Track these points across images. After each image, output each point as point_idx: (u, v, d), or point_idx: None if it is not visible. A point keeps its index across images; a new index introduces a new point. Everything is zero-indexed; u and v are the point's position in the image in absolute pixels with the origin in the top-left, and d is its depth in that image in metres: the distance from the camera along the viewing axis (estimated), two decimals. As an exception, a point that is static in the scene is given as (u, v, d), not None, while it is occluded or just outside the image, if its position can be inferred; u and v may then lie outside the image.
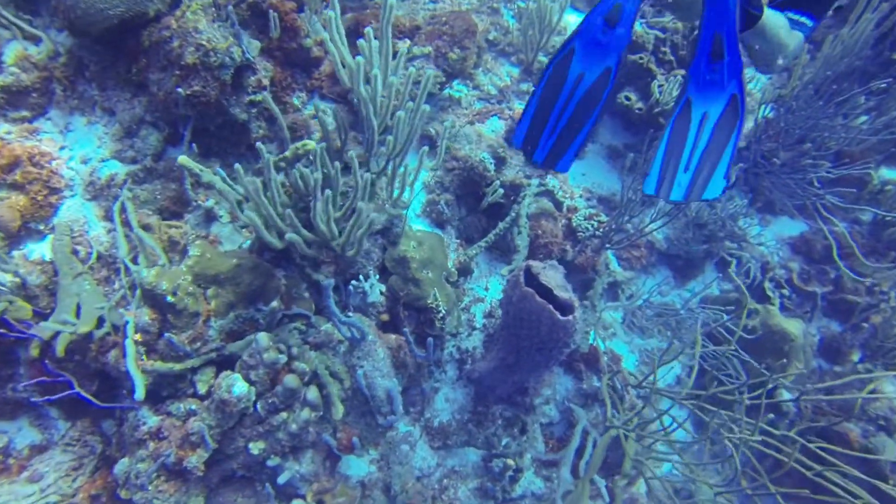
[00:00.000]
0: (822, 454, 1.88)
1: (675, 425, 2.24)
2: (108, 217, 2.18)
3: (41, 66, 2.23)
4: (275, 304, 2.19)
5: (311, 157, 2.10)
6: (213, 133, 2.42)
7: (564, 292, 2.08)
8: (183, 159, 2.00)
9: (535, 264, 2.13)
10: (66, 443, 1.97)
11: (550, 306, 2.03)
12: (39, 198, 2.10)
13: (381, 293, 2.50)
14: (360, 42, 1.95)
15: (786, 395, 3.04)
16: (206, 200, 2.32)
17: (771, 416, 3.00)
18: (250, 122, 2.46)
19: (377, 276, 2.46)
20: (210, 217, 2.36)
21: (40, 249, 2.08)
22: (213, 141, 2.46)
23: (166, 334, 1.82)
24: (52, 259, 2.03)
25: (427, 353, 2.41)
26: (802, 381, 3.16)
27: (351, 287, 2.36)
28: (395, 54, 2.15)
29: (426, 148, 2.20)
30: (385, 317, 2.51)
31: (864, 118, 3.14)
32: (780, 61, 1.60)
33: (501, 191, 2.63)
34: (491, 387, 2.67)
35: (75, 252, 2.09)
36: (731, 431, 2.35)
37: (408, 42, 2.64)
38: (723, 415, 2.24)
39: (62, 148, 2.25)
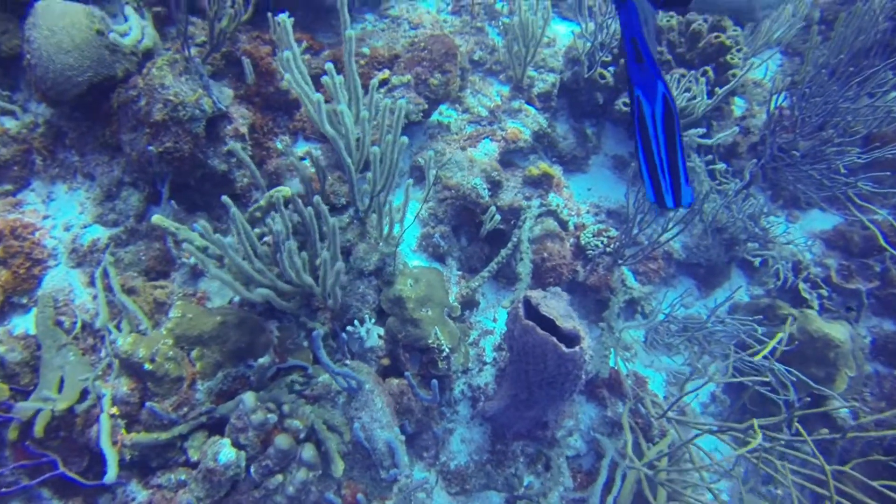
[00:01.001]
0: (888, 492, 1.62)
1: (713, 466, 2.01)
2: (93, 283, 2.13)
3: (20, 139, 2.23)
4: (265, 359, 2.08)
5: (289, 204, 2.01)
6: (195, 187, 2.37)
7: (568, 322, 1.91)
8: (157, 219, 1.94)
9: (535, 295, 1.97)
10: (58, 525, 1.89)
11: (554, 339, 1.86)
12: (22, 271, 2.07)
13: (380, 336, 2.37)
14: (324, 79, 1.86)
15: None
16: (191, 258, 2.26)
17: (825, 431, 2.72)
18: (232, 171, 2.40)
19: (373, 320, 2.34)
20: (197, 273, 2.29)
21: (24, 324, 2.04)
22: (195, 195, 2.41)
23: (147, 403, 1.73)
24: (36, 333, 1.98)
25: (433, 396, 2.25)
26: (858, 390, 2.86)
27: (344, 335, 2.25)
28: (367, 87, 2.06)
29: (410, 181, 2.09)
30: (386, 361, 2.38)
31: (893, 94, 2.88)
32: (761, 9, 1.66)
33: (498, 217, 2.49)
34: (507, 424, 2.49)
35: (60, 322, 2.04)
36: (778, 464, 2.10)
37: (386, 72, 2.55)
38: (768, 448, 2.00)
39: (45, 217, 2.23)
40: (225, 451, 1.72)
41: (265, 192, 2.09)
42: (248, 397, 1.83)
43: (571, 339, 1.89)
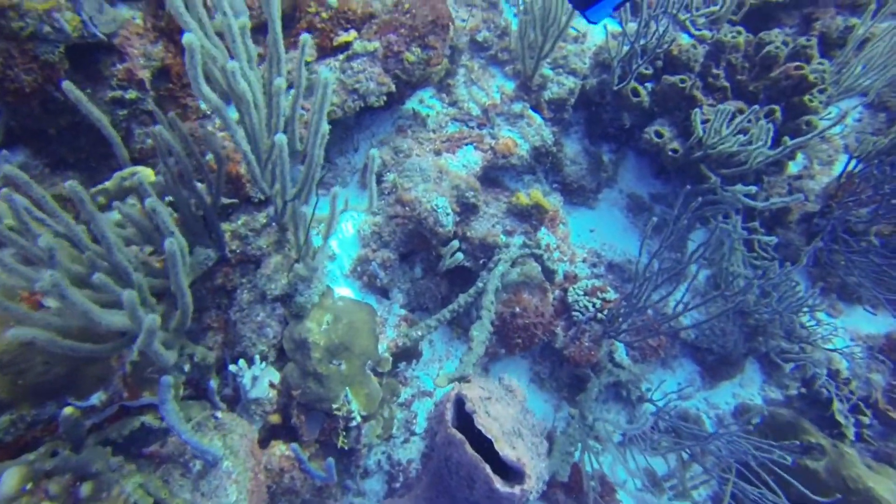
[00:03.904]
0: None
1: None
2: None
3: None
4: (97, 397, 1.47)
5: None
6: (61, 139, 1.74)
7: (514, 445, 1.28)
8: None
9: (472, 396, 1.34)
10: None
11: (487, 468, 1.24)
12: None
13: (272, 385, 1.75)
14: (218, 18, 1.22)
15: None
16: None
17: None
18: (125, 124, 1.77)
19: (264, 364, 1.72)
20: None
21: None
22: (62, 148, 1.77)
23: None
24: None
25: (328, 475, 1.64)
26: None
27: (213, 382, 1.63)
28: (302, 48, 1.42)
29: (336, 189, 1.45)
30: (275, 418, 1.77)
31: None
32: None
33: (460, 255, 1.85)
34: (426, 522, 1.88)
35: None
36: None
37: (353, 34, 1.90)
38: None
39: None
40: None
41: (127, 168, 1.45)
42: (10, 476, 1.21)
43: (514, 472, 1.27)
